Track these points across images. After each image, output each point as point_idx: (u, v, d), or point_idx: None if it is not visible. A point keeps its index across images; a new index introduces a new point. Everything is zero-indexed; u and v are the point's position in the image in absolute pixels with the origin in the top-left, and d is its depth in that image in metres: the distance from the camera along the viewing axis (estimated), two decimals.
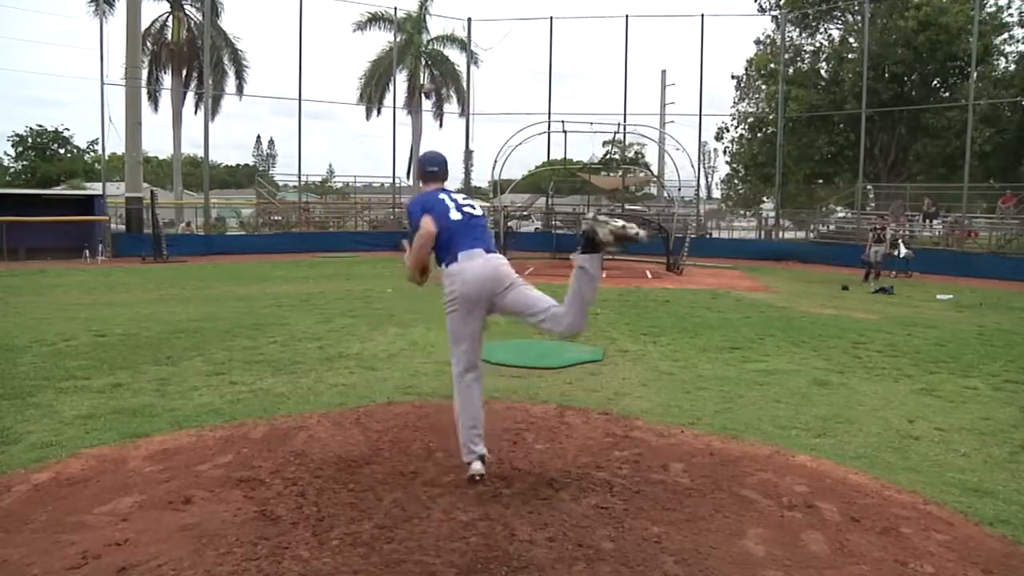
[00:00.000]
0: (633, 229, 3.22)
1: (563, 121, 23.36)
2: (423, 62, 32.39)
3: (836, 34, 27.72)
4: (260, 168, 64.78)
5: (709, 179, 49.78)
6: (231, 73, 30.64)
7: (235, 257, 20.84)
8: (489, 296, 3.45)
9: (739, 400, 5.19)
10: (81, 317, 8.78)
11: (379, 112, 31.97)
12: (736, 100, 30.21)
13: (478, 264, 3.43)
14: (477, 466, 3.48)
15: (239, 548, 2.77)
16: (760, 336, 8.00)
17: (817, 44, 28.13)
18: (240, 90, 31.01)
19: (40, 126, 41.17)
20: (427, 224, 3.45)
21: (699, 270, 17.94)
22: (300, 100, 24.64)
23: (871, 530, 3.06)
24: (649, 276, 16.13)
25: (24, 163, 40.80)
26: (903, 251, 16.97)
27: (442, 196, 3.61)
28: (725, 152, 31.28)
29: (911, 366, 6.56)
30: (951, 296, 13.04)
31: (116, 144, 24.13)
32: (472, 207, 3.63)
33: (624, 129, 25.51)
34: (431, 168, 3.77)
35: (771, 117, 26.86)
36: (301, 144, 25.04)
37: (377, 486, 3.43)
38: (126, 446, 3.97)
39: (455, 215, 3.53)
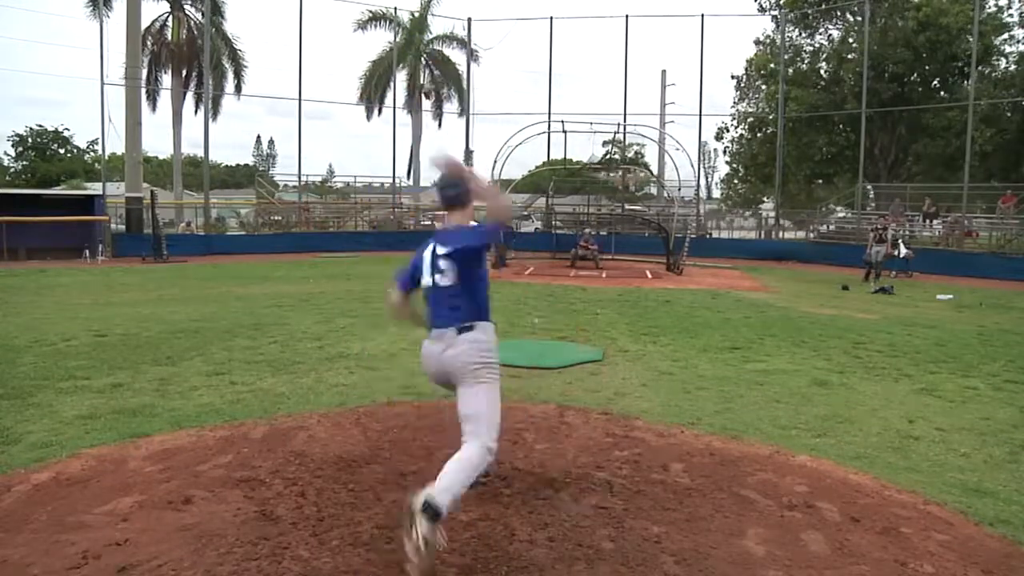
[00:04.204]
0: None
1: (563, 121, 23.37)
2: (423, 62, 32.40)
3: (836, 34, 27.75)
4: (260, 168, 64.85)
5: (709, 179, 49.93)
6: (230, 73, 30.70)
7: (235, 257, 20.83)
8: (443, 381, 3.13)
9: (739, 400, 5.19)
10: (81, 317, 8.78)
11: (379, 112, 32.03)
12: (736, 100, 30.25)
13: (432, 351, 3.03)
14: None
15: (239, 548, 2.77)
16: (760, 336, 8.00)
17: (817, 44, 28.15)
18: (238, 90, 31.06)
19: (40, 126, 41.34)
20: (388, 298, 3.29)
21: (699, 270, 17.93)
22: (300, 100, 24.66)
23: (871, 530, 3.06)
24: (649, 276, 16.13)
25: (24, 163, 40.86)
26: (903, 251, 16.97)
27: (428, 249, 3.09)
28: (725, 152, 31.34)
29: (911, 366, 6.56)
30: (951, 296, 13.03)
31: (116, 144, 24.17)
32: (441, 271, 3.01)
33: (624, 129, 25.52)
34: (447, 192, 3.11)
35: (771, 117, 26.86)
36: (301, 144, 25.07)
37: (377, 486, 3.43)
38: (126, 446, 3.97)
39: (426, 280, 3.07)
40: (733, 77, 29.91)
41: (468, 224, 3.14)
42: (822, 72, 27.44)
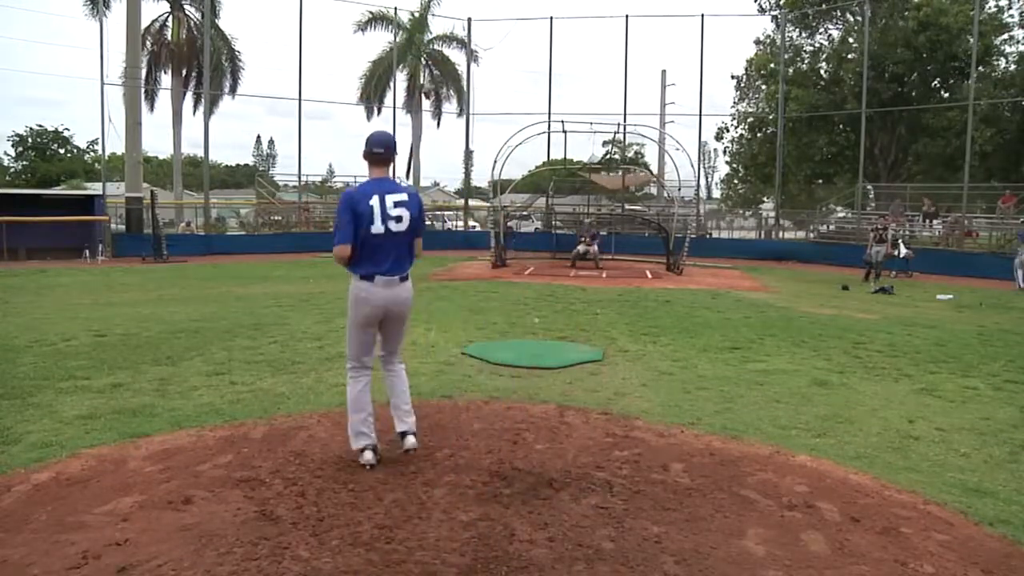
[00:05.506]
0: None
1: (563, 121, 23.33)
2: (423, 62, 32.40)
3: (836, 34, 27.74)
4: (260, 168, 64.83)
5: (709, 179, 49.93)
6: (229, 73, 30.67)
7: (235, 257, 20.83)
8: (383, 317, 3.74)
9: (739, 400, 5.19)
10: (81, 317, 8.77)
11: (379, 112, 32.00)
12: (736, 100, 30.24)
13: (388, 294, 3.66)
14: (368, 456, 3.66)
15: (239, 548, 2.77)
16: (760, 336, 7.99)
17: (817, 44, 28.15)
18: (233, 89, 31.07)
19: (40, 126, 41.37)
20: (340, 251, 3.66)
21: (699, 270, 17.93)
22: (300, 100, 24.65)
23: (871, 530, 3.06)
24: (649, 276, 16.12)
25: (24, 163, 40.88)
26: (903, 251, 16.97)
27: (374, 199, 3.61)
28: (725, 152, 31.34)
29: (911, 366, 6.56)
30: (951, 296, 13.03)
31: (116, 144, 24.15)
32: (400, 218, 3.63)
33: (624, 129, 25.50)
34: (378, 150, 3.72)
35: (771, 117, 26.85)
36: (301, 144, 25.05)
37: (377, 486, 3.43)
38: (126, 446, 3.97)
39: (378, 227, 3.59)
40: (733, 77, 29.93)
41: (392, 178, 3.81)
42: (822, 72, 27.43)
